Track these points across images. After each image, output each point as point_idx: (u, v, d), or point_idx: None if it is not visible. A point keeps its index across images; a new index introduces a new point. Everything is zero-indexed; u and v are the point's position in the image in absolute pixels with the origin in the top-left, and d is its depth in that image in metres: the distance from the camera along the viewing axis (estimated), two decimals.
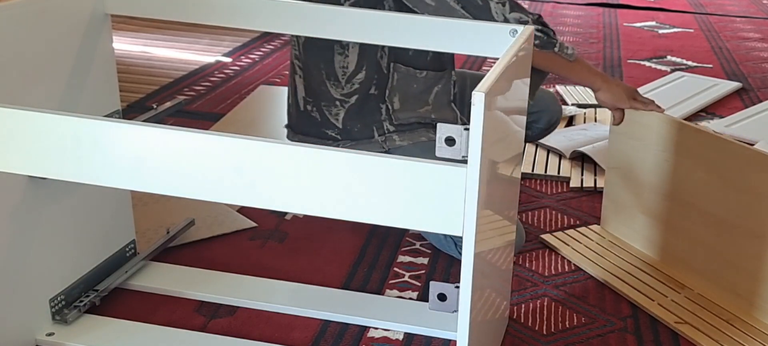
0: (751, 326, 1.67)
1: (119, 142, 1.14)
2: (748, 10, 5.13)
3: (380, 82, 1.86)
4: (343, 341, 1.61)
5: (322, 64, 1.87)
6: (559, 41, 1.77)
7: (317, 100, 1.91)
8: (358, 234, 2.02)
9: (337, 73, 1.86)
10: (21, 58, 1.43)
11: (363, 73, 1.85)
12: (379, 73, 1.85)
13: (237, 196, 1.15)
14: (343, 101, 1.88)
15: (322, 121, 1.91)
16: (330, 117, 1.90)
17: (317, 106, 1.91)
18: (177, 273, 1.79)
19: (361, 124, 1.88)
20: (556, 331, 1.66)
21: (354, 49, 1.84)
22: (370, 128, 1.88)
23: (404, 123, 1.88)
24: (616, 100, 1.88)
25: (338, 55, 1.85)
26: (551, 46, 1.76)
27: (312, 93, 1.91)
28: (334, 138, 1.91)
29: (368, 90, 1.86)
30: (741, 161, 1.68)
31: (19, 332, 1.50)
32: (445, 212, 1.09)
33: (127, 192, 1.77)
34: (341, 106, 1.88)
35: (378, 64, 1.85)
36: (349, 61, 1.84)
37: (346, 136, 1.90)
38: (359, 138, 1.89)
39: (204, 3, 1.61)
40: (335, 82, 1.87)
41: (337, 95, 1.88)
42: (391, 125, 1.88)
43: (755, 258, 1.67)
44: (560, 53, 1.77)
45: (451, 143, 1.08)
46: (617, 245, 1.98)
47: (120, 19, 3.82)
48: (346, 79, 1.86)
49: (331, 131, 1.91)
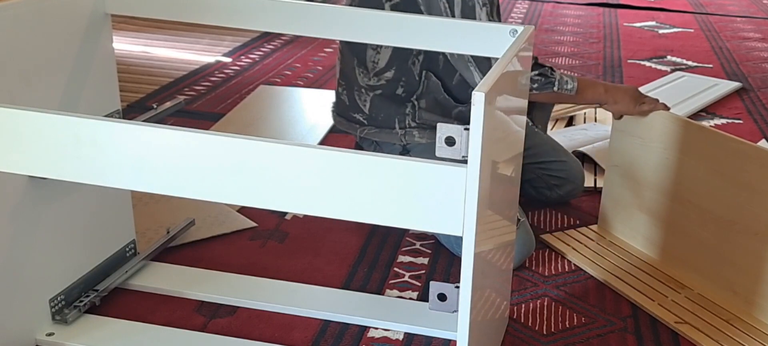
0: (751, 326, 1.67)
1: (119, 142, 1.14)
2: (748, 10, 5.13)
3: (408, 86, 1.90)
4: (343, 341, 1.61)
5: (356, 52, 1.92)
6: (557, 79, 1.80)
7: (349, 85, 1.97)
8: (358, 234, 2.02)
9: (367, 64, 1.91)
10: (21, 58, 1.43)
11: (392, 73, 1.89)
12: (408, 76, 1.89)
13: (237, 196, 1.15)
14: (369, 89, 1.93)
15: (350, 105, 1.98)
16: (358, 102, 1.96)
17: (348, 90, 1.98)
18: (177, 273, 1.79)
19: (385, 114, 1.93)
20: (556, 331, 1.66)
21: (387, 50, 1.88)
22: (392, 119, 1.92)
23: (426, 122, 1.90)
24: (623, 110, 1.90)
25: (371, 50, 1.90)
26: (550, 86, 1.80)
27: (345, 77, 1.99)
28: (360, 122, 1.97)
29: (395, 90, 1.91)
30: (743, 159, 1.68)
31: (19, 332, 1.50)
32: (445, 212, 1.09)
33: (127, 192, 1.77)
34: (367, 93, 1.94)
35: (410, 69, 1.88)
36: (379, 58, 1.89)
37: (372, 122, 1.95)
38: (382, 126, 1.94)
39: (204, 3, 1.61)
40: (364, 70, 1.92)
41: (363, 83, 1.93)
42: (414, 121, 1.92)
43: (755, 257, 1.67)
44: (561, 91, 1.80)
45: (451, 143, 1.08)
46: (617, 245, 1.98)
47: (120, 19, 3.82)
48: (374, 72, 1.91)
49: (358, 115, 1.97)
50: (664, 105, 1.89)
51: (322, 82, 3.28)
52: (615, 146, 1.99)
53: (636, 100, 1.89)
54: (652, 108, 1.88)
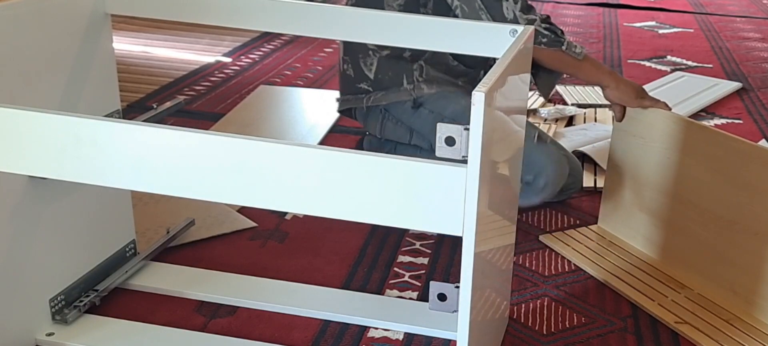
0: (751, 326, 1.67)
1: (119, 142, 1.14)
2: (748, 10, 5.13)
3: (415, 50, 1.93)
4: (343, 341, 1.61)
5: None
6: (567, 40, 1.81)
7: (354, 55, 2.00)
8: (358, 234, 2.02)
9: None
10: (21, 58, 1.43)
11: None
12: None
13: (237, 196, 1.15)
14: (376, 51, 1.97)
15: (355, 76, 2.02)
16: (364, 69, 1.99)
17: (353, 61, 2.01)
18: (177, 273, 1.79)
19: (393, 73, 1.96)
20: (556, 331, 1.66)
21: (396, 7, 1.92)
22: (400, 77, 1.96)
23: (434, 78, 1.95)
24: (624, 99, 1.90)
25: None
26: (558, 44, 1.82)
27: (349, 49, 2.02)
28: (366, 91, 2.00)
29: (402, 53, 1.94)
30: (744, 159, 1.68)
31: (19, 332, 1.50)
32: (445, 212, 1.09)
33: (127, 192, 1.77)
34: (374, 55, 1.97)
35: None
36: None
37: (378, 86, 1.99)
38: (389, 86, 1.97)
39: (204, 3, 1.61)
40: None
41: (371, 46, 1.97)
42: (421, 76, 1.96)
43: (756, 257, 1.67)
44: (568, 52, 1.81)
45: (451, 143, 1.08)
46: (617, 245, 1.98)
47: (120, 19, 3.82)
48: None
49: (364, 84, 2.00)
50: (665, 104, 1.89)
51: (322, 82, 3.28)
52: (615, 146, 1.99)
53: (639, 94, 1.90)
54: (652, 105, 1.88)
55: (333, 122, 2.77)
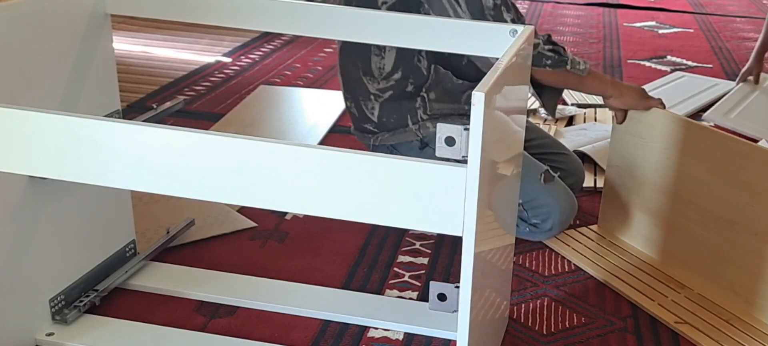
0: (750, 326, 1.67)
1: (119, 142, 1.14)
2: (748, 10, 5.13)
3: (417, 80, 1.90)
4: (343, 341, 1.61)
5: (360, 63, 1.92)
6: (570, 58, 1.81)
7: (355, 96, 1.97)
8: (358, 234, 2.02)
9: (373, 71, 1.91)
10: (21, 58, 1.43)
11: (399, 73, 1.89)
12: (416, 73, 1.89)
13: (237, 196, 1.15)
14: (377, 96, 1.93)
15: (359, 116, 1.98)
16: (366, 111, 1.95)
17: (355, 102, 1.98)
18: (177, 273, 1.79)
19: (397, 115, 1.93)
20: (556, 331, 1.66)
21: (390, 53, 1.88)
22: (404, 118, 1.92)
23: (438, 113, 1.92)
24: (629, 105, 1.90)
25: (375, 56, 1.90)
26: (563, 64, 1.80)
27: (349, 90, 1.98)
28: (372, 131, 1.97)
29: (405, 88, 1.91)
30: (743, 159, 1.68)
31: (19, 332, 1.50)
32: (445, 212, 1.09)
33: (127, 192, 1.77)
34: (376, 100, 1.93)
35: (417, 67, 1.88)
36: (385, 63, 1.89)
37: (383, 128, 1.96)
38: (394, 128, 1.94)
39: (204, 3, 1.61)
40: (371, 78, 1.92)
41: (373, 90, 1.93)
42: (426, 114, 1.92)
43: (756, 257, 1.67)
44: (573, 71, 1.81)
45: (451, 143, 1.08)
46: (617, 245, 1.98)
47: (120, 19, 3.82)
48: (382, 76, 1.90)
49: (368, 125, 1.97)
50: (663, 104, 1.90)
51: (322, 82, 3.28)
52: (615, 146, 1.99)
53: (641, 97, 1.90)
54: (656, 105, 1.89)
55: (333, 122, 2.77)
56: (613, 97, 1.89)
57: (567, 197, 1.90)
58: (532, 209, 1.88)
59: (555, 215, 1.88)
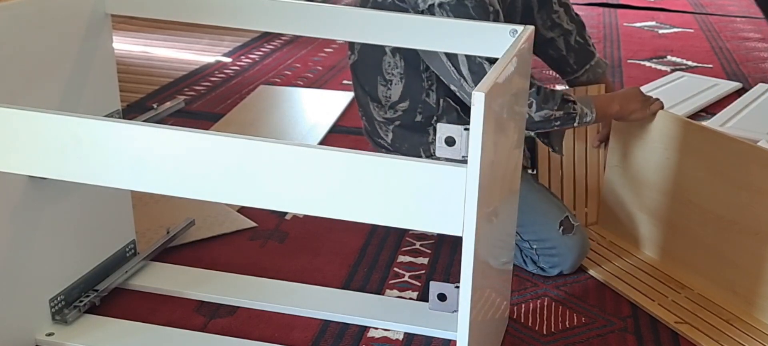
0: (751, 326, 1.67)
1: (119, 142, 1.14)
2: (748, 10, 5.13)
3: (426, 111, 1.85)
4: (343, 341, 1.61)
5: (367, 88, 1.88)
6: (578, 113, 1.71)
7: (368, 116, 1.93)
8: (358, 234, 2.02)
9: (380, 99, 1.87)
10: (21, 58, 1.43)
11: (406, 103, 1.85)
12: (424, 105, 1.84)
13: (237, 196, 1.15)
14: (387, 123, 1.89)
15: (372, 131, 1.95)
16: (380, 131, 1.92)
17: (368, 120, 1.94)
18: (177, 273, 1.79)
19: (408, 145, 1.89)
20: (556, 331, 1.66)
21: (397, 86, 1.83)
22: (417, 149, 1.88)
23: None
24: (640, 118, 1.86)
25: (381, 86, 1.85)
26: (571, 123, 1.72)
27: (362, 109, 1.95)
28: (386, 148, 1.93)
29: (413, 118, 1.86)
30: (743, 159, 1.68)
31: (19, 332, 1.50)
32: (445, 212, 1.09)
33: (127, 192, 1.77)
34: (387, 126, 1.90)
35: (424, 101, 1.84)
36: (391, 93, 1.85)
37: (396, 150, 1.91)
38: (407, 154, 1.88)
39: (204, 3, 1.61)
40: (379, 106, 1.88)
41: (380, 118, 1.90)
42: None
43: (756, 257, 1.67)
44: (581, 124, 1.74)
45: (451, 143, 1.08)
46: (617, 245, 1.98)
47: (120, 19, 3.82)
48: (389, 105, 1.87)
49: (382, 142, 1.93)
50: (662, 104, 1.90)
51: (322, 82, 3.28)
52: (615, 146, 1.99)
53: (645, 104, 1.85)
54: (659, 108, 1.87)
55: (333, 122, 2.77)
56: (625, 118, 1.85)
57: (582, 249, 1.83)
58: (542, 253, 1.81)
59: (566, 264, 1.82)
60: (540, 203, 1.82)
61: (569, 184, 2.03)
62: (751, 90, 3.23)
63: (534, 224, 1.80)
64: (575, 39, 2.00)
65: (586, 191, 2.05)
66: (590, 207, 2.07)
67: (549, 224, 1.80)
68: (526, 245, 1.82)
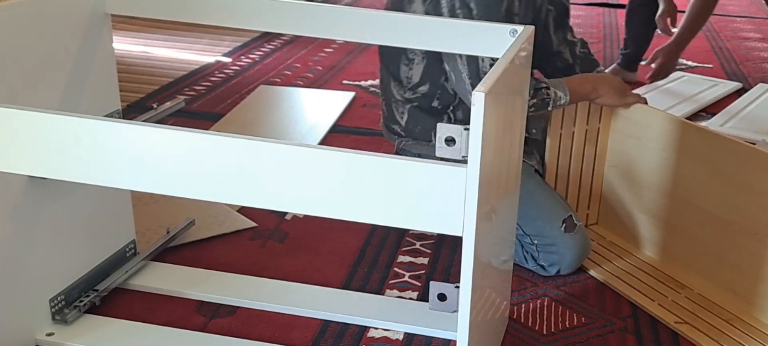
0: (751, 326, 1.67)
1: (119, 142, 1.14)
2: (748, 10, 5.13)
3: (444, 98, 1.90)
4: (343, 341, 1.61)
5: (391, 68, 1.93)
6: (552, 97, 1.79)
7: (387, 97, 1.98)
8: (358, 234, 2.02)
9: (401, 79, 1.92)
10: (21, 58, 1.43)
11: (426, 87, 1.89)
12: (443, 91, 1.89)
13: (237, 196, 1.15)
14: (405, 102, 1.94)
15: (388, 116, 2.00)
16: (396, 114, 1.96)
17: (386, 102, 1.99)
18: (177, 273, 1.79)
19: (422, 127, 1.93)
20: (556, 331, 1.66)
21: (419, 66, 1.88)
22: (429, 132, 1.92)
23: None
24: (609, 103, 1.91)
25: (404, 66, 1.90)
26: (546, 107, 1.80)
27: (383, 89, 2.00)
28: (399, 133, 1.98)
29: (430, 103, 1.90)
30: (741, 160, 1.68)
31: (19, 332, 1.50)
32: (445, 212, 1.09)
33: (127, 192, 1.77)
34: (404, 106, 1.94)
35: (443, 86, 1.88)
36: (412, 73, 1.90)
37: (409, 134, 1.96)
38: (419, 139, 1.94)
39: (204, 3, 1.61)
40: (399, 85, 1.93)
41: (399, 96, 1.94)
42: None
43: (755, 257, 1.67)
44: (555, 107, 1.82)
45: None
46: (617, 245, 1.98)
47: (120, 19, 3.82)
48: (409, 86, 1.91)
49: (396, 127, 1.98)
50: (644, 100, 1.93)
51: (322, 82, 3.28)
52: (614, 147, 1.99)
53: (620, 93, 1.91)
54: (635, 101, 1.91)
55: (333, 122, 2.77)
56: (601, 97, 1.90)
57: (583, 248, 1.84)
58: (543, 250, 1.82)
59: (564, 263, 1.82)
60: (545, 200, 1.85)
61: (571, 184, 2.03)
62: (751, 90, 3.23)
63: (537, 219, 1.82)
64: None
65: (590, 192, 2.05)
66: (591, 208, 2.07)
67: (552, 221, 1.81)
68: (527, 240, 1.83)
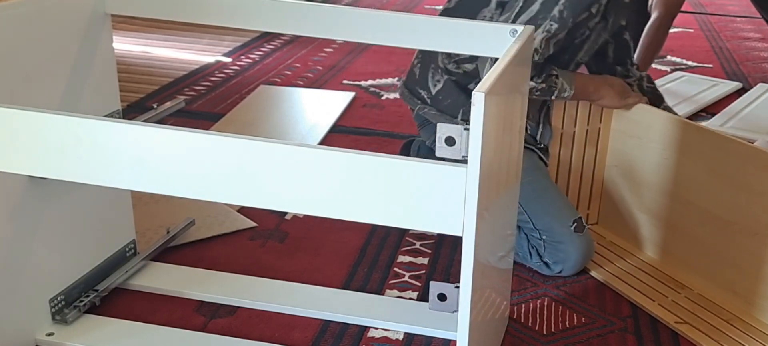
0: (751, 326, 1.67)
1: (119, 142, 1.14)
2: (748, 10, 5.12)
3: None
4: (343, 341, 1.61)
5: None
6: (558, 87, 1.81)
7: (426, 60, 1.98)
8: (358, 234, 2.02)
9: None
10: (21, 58, 1.43)
11: (472, 66, 1.90)
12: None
13: (237, 196, 1.15)
14: (444, 72, 1.94)
15: (419, 79, 2.00)
16: (430, 80, 1.96)
17: (423, 65, 1.99)
18: (177, 273, 1.79)
19: (451, 101, 1.93)
20: (556, 331, 1.66)
21: None
22: (457, 108, 1.93)
23: None
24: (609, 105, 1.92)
25: None
26: (549, 95, 1.81)
27: (424, 52, 2.00)
28: (423, 99, 1.98)
29: (468, 83, 1.91)
30: (742, 159, 1.68)
31: (19, 332, 1.50)
32: (445, 212, 1.09)
33: (127, 192, 1.77)
34: (442, 75, 1.94)
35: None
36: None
37: (434, 103, 1.96)
38: (444, 110, 1.95)
39: (204, 3, 1.61)
40: (448, 55, 1.93)
41: (442, 65, 1.94)
42: None
43: (755, 257, 1.67)
44: (558, 98, 1.84)
45: (451, 143, 1.08)
46: (617, 245, 1.98)
47: (120, 19, 3.82)
48: (456, 59, 1.92)
49: (424, 92, 1.98)
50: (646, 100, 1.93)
51: (322, 82, 3.28)
52: (614, 147, 1.99)
53: (621, 94, 1.91)
54: (636, 102, 1.92)
55: (333, 122, 2.77)
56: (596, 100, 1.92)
57: (588, 252, 1.85)
58: (550, 247, 1.83)
59: (569, 262, 1.83)
60: (559, 198, 1.87)
61: (572, 184, 2.03)
62: (751, 90, 3.23)
63: (548, 215, 1.83)
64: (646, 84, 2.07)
65: (590, 192, 2.05)
66: (591, 208, 2.07)
67: (563, 219, 1.82)
68: (536, 235, 1.84)
